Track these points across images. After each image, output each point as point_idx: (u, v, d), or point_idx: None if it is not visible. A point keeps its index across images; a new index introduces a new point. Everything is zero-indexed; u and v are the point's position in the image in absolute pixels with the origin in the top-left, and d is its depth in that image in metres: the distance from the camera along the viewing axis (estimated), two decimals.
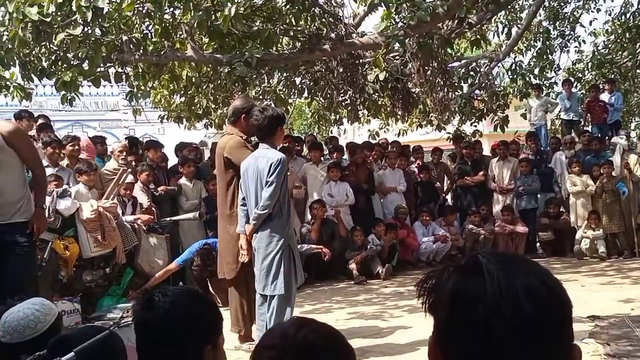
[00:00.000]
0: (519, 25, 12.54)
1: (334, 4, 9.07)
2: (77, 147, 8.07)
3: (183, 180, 8.97)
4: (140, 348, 1.92)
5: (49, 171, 7.24)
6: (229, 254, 5.30)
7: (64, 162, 7.85)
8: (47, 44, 7.14)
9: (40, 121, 8.98)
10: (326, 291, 8.34)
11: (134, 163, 8.49)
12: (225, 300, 5.89)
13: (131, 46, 7.37)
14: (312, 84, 10.28)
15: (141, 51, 7.70)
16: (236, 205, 5.22)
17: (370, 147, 11.10)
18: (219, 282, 6.12)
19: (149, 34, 8.03)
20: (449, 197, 11.73)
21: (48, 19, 6.31)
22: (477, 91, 12.11)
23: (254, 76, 8.36)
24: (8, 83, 7.44)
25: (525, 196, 10.67)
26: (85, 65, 7.22)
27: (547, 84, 14.27)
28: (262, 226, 4.85)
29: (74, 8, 6.10)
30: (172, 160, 9.91)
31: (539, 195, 10.76)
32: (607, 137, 12.14)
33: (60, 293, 6.47)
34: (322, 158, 10.12)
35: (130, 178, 7.75)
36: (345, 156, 10.80)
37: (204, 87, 9.72)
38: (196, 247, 7.41)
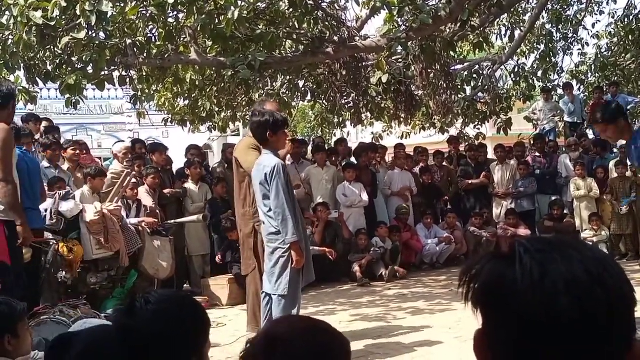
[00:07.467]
0: (521, 28, 12.52)
1: (337, 8, 9.08)
2: (77, 151, 8.11)
3: (189, 183, 8.98)
4: (120, 355, 1.83)
5: (51, 173, 7.29)
6: (245, 251, 5.51)
7: (65, 166, 7.89)
8: (52, 47, 7.17)
9: (44, 124, 9.03)
10: (330, 293, 8.34)
11: (141, 167, 8.47)
12: None
13: (135, 50, 7.40)
14: (315, 87, 10.29)
15: (145, 54, 7.72)
16: (248, 204, 5.32)
17: (375, 149, 11.10)
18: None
19: (153, 38, 8.06)
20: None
21: (52, 23, 6.33)
22: (480, 94, 12.11)
23: (258, 79, 8.38)
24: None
25: (523, 198, 10.73)
26: (90, 69, 7.25)
27: (551, 87, 14.24)
28: (270, 227, 4.86)
29: (78, 12, 6.12)
30: (179, 163, 9.83)
31: (537, 197, 10.79)
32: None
33: (64, 295, 6.49)
34: (327, 162, 10.08)
35: (133, 180, 7.77)
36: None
37: (208, 90, 9.74)
38: None
